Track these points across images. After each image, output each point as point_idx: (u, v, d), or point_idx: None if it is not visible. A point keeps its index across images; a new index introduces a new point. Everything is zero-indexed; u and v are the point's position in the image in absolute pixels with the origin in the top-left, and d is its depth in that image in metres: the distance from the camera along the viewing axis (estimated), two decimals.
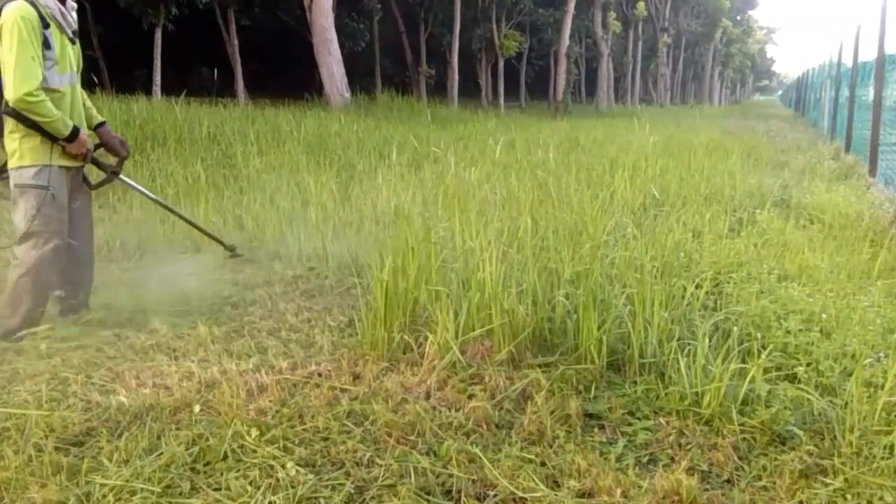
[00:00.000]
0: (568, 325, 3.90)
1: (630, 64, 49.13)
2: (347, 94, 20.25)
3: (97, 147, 4.65)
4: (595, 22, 38.77)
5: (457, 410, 3.28)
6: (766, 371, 3.39)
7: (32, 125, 4.09)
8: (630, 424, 3.21)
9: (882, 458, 2.85)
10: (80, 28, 4.52)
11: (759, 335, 3.80)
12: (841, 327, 4.03)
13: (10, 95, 3.99)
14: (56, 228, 4.27)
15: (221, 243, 5.76)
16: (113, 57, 25.09)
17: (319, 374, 3.67)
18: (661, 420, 3.22)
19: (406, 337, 3.90)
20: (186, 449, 2.91)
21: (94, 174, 4.86)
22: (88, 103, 4.63)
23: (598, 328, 3.69)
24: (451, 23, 30.32)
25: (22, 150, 4.17)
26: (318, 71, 20.71)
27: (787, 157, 13.31)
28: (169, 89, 18.18)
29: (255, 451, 2.90)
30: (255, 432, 3.02)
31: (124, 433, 3.06)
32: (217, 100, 16.24)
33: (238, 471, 2.79)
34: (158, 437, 3.02)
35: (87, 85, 4.34)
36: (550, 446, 3.00)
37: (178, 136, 10.96)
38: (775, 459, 2.90)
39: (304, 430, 3.10)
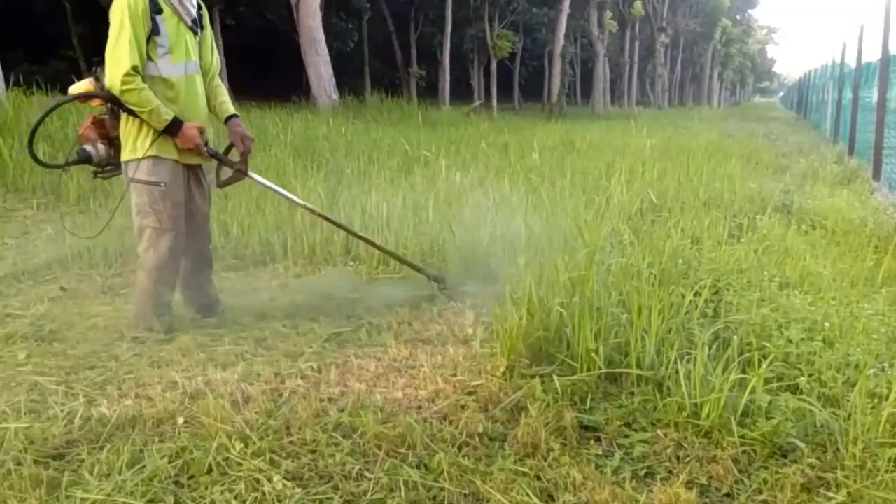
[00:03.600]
0: (563, 334, 3.90)
1: (627, 65, 49.26)
2: (336, 96, 20.26)
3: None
4: (591, 21, 38.89)
5: (449, 422, 3.29)
6: (766, 381, 3.40)
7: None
8: (627, 437, 3.22)
9: (886, 471, 2.86)
10: (60, 28, 4.52)
11: (759, 344, 3.81)
12: (844, 336, 4.04)
13: (106, 81, 4.07)
14: (169, 225, 4.27)
15: (423, 272, 5.22)
16: (93, 57, 25.04)
17: (307, 385, 3.67)
18: (659, 432, 3.23)
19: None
20: (170, 462, 2.91)
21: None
22: (223, 97, 4.57)
23: (595, 337, 3.70)
24: (443, 22, 30.35)
25: (133, 142, 4.20)
26: (306, 72, 20.72)
27: (789, 160, 13.37)
28: None
29: (240, 465, 2.90)
30: (240, 445, 3.01)
31: (106, 446, 3.06)
32: None
33: (223, 484, 2.79)
34: (141, 450, 3.01)
35: (68, 86, 4.29)
36: (545, 459, 3.01)
37: None
38: (776, 472, 2.91)
39: (290, 442, 3.10)
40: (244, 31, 31.01)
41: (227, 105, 4.57)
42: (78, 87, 4.25)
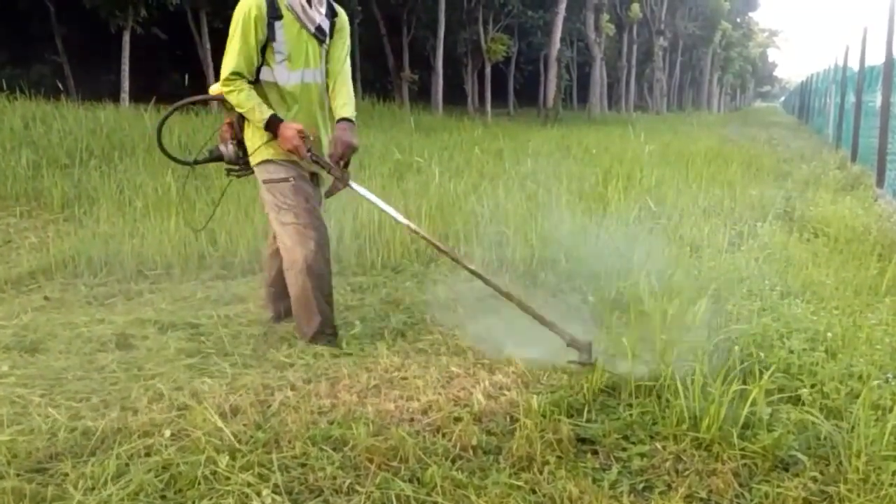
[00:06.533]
0: None
1: (624, 69, 49.38)
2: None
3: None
4: (587, 24, 38.94)
5: (442, 435, 3.29)
6: (768, 393, 3.41)
7: None
8: (625, 449, 3.22)
9: (890, 485, 2.86)
10: (44, 30, 4.54)
11: (760, 355, 3.82)
12: (847, 347, 4.06)
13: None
14: (307, 220, 4.30)
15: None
16: (78, 61, 24.99)
17: (297, 396, 3.66)
18: (658, 445, 3.23)
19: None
20: (156, 476, 2.90)
21: None
22: (342, 98, 4.41)
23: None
24: (436, 25, 30.31)
25: (254, 145, 4.29)
26: None
27: (790, 166, 13.41)
28: (137, 95, 18.11)
29: (228, 478, 2.89)
30: (228, 458, 3.00)
31: (90, 459, 3.04)
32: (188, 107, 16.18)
33: (211, 499, 2.78)
34: (126, 464, 3.00)
35: (52, 90, 4.31)
36: (541, 472, 3.00)
37: (148, 146, 10.94)
38: (778, 486, 2.91)
39: (280, 455, 3.10)
40: None
41: (341, 108, 4.41)
42: (212, 90, 4.55)
